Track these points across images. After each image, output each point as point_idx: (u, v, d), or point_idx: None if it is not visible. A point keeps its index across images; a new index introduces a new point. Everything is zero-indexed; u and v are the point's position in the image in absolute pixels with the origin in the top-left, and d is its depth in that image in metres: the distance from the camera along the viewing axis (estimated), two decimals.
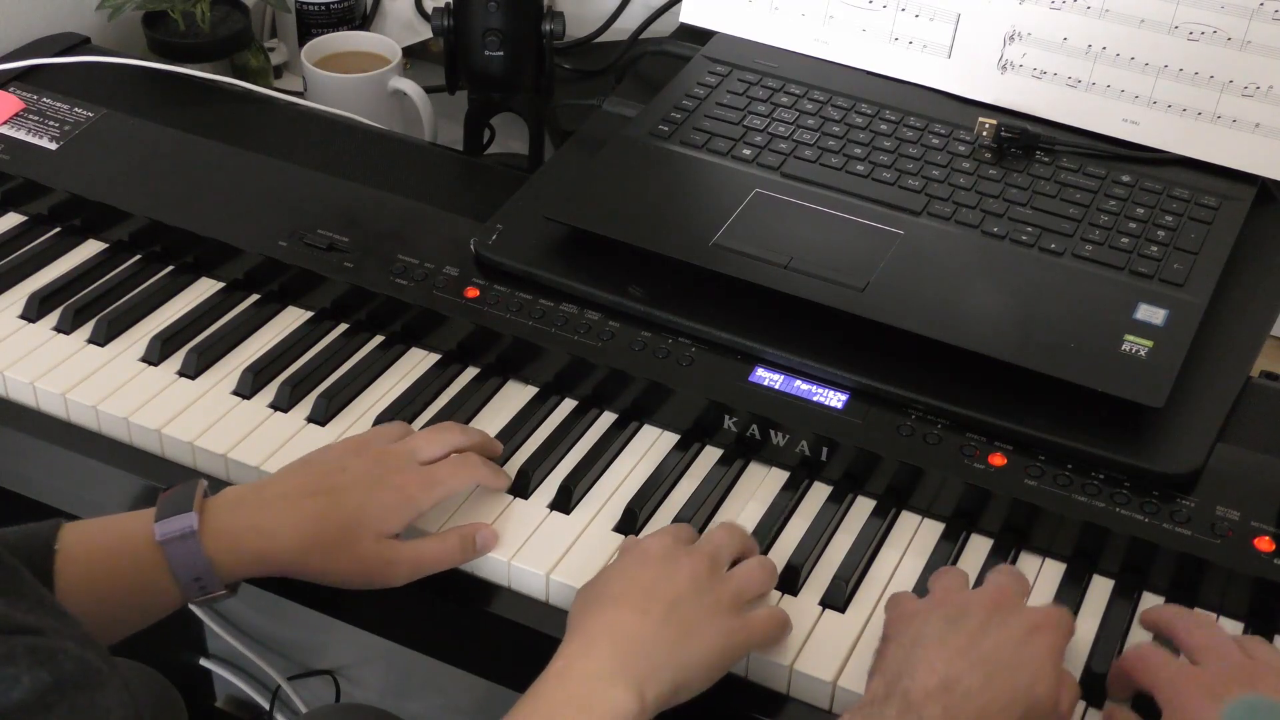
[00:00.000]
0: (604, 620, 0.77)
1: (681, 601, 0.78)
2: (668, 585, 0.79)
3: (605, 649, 0.76)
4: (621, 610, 0.78)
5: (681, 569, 0.80)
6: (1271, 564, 0.85)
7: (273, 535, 0.83)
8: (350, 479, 0.85)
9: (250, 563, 0.84)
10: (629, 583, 0.80)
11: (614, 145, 1.13)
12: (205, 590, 0.83)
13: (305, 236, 1.08)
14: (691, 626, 0.78)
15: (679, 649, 0.77)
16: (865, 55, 1.20)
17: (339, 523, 0.84)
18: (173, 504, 0.83)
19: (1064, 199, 1.07)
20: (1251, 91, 1.08)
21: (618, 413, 0.99)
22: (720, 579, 0.81)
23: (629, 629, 0.77)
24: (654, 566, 0.80)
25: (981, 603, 0.78)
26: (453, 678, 1.50)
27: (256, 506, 0.85)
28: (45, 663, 0.60)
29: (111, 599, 0.83)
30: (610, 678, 0.74)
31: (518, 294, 1.02)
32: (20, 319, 1.06)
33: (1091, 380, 0.91)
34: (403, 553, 0.85)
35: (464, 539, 0.87)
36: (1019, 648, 0.75)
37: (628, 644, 0.76)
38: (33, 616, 0.63)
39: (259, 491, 0.86)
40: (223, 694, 1.72)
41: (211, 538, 0.82)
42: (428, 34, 1.45)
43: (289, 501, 0.84)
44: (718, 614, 0.79)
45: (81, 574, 0.82)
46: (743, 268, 1.00)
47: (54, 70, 1.27)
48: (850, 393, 0.95)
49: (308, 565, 0.84)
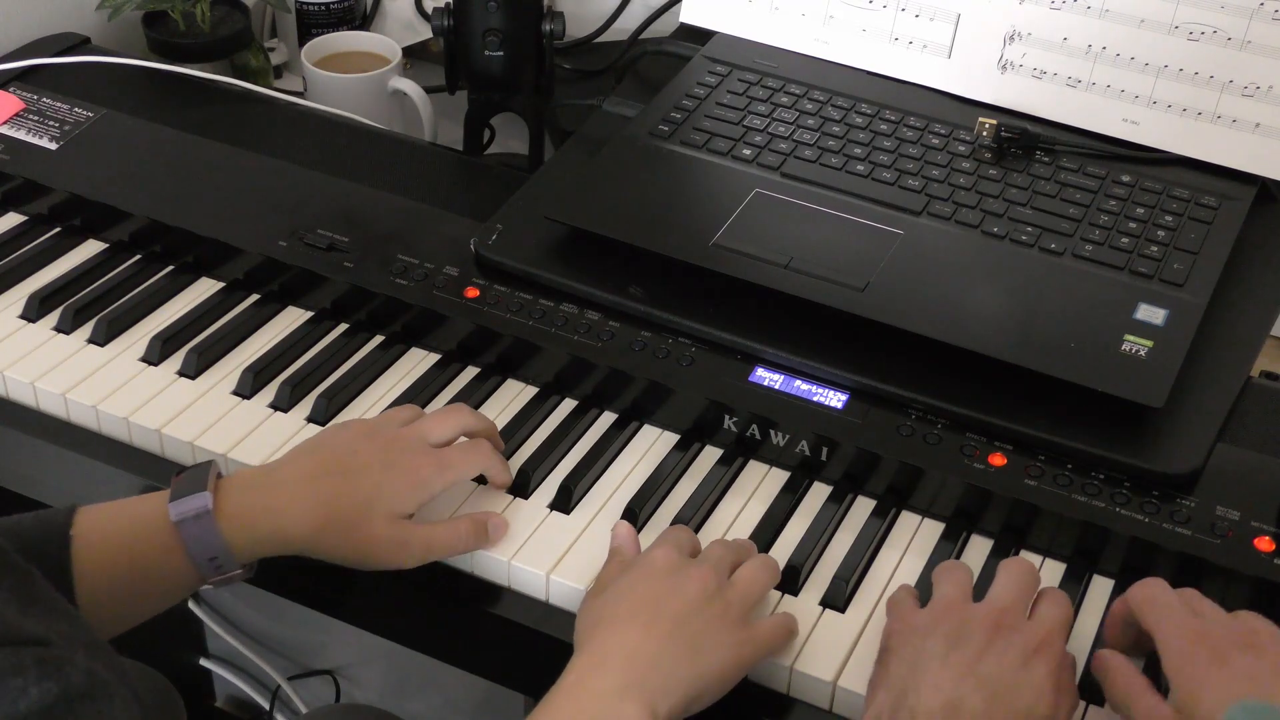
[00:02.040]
0: (614, 637, 0.77)
1: (691, 615, 0.78)
2: (677, 599, 0.79)
3: (616, 666, 0.76)
4: (631, 626, 0.78)
5: (689, 582, 0.80)
6: (1271, 564, 0.85)
7: (286, 515, 0.84)
8: (363, 461, 0.86)
9: (264, 542, 0.84)
10: (637, 598, 0.80)
11: (614, 145, 1.13)
12: (221, 570, 0.84)
13: (305, 236, 1.08)
14: (701, 639, 0.78)
15: (690, 663, 0.77)
16: (865, 55, 1.20)
17: (352, 503, 0.84)
18: (187, 484, 0.84)
19: (1064, 199, 1.07)
20: (1251, 91, 1.08)
21: (618, 413, 0.99)
22: (726, 588, 0.81)
23: (639, 645, 0.77)
24: (661, 580, 0.80)
25: (983, 623, 0.77)
26: (453, 678, 1.50)
27: (270, 488, 0.85)
28: (53, 674, 0.60)
29: (128, 581, 0.83)
30: (622, 694, 0.74)
31: (518, 294, 1.02)
32: (20, 319, 1.06)
33: (1092, 380, 0.91)
34: (415, 534, 0.85)
35: (476, 524, 0.88)
36: (1020, 670, 0.75)
37: (639, 660, 0.76)
38: (43, 625, 0.63)
39: (272, 473, 0.86)
40: (223, 694, 1.72)
41: (226, 518, 0.83)
42: (428, 34, 1.45)
43: (302, 483, 0.85)
44: (727, 625, 0.79)
45: (98, 558, 0.82)
46: (743, 268, 1.00)
47: (54, 70, 1.27)
48: (850, 393, 0.95)
49: (320, 545, 0.85)
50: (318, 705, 1.56)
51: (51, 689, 0.60)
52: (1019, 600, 0.80)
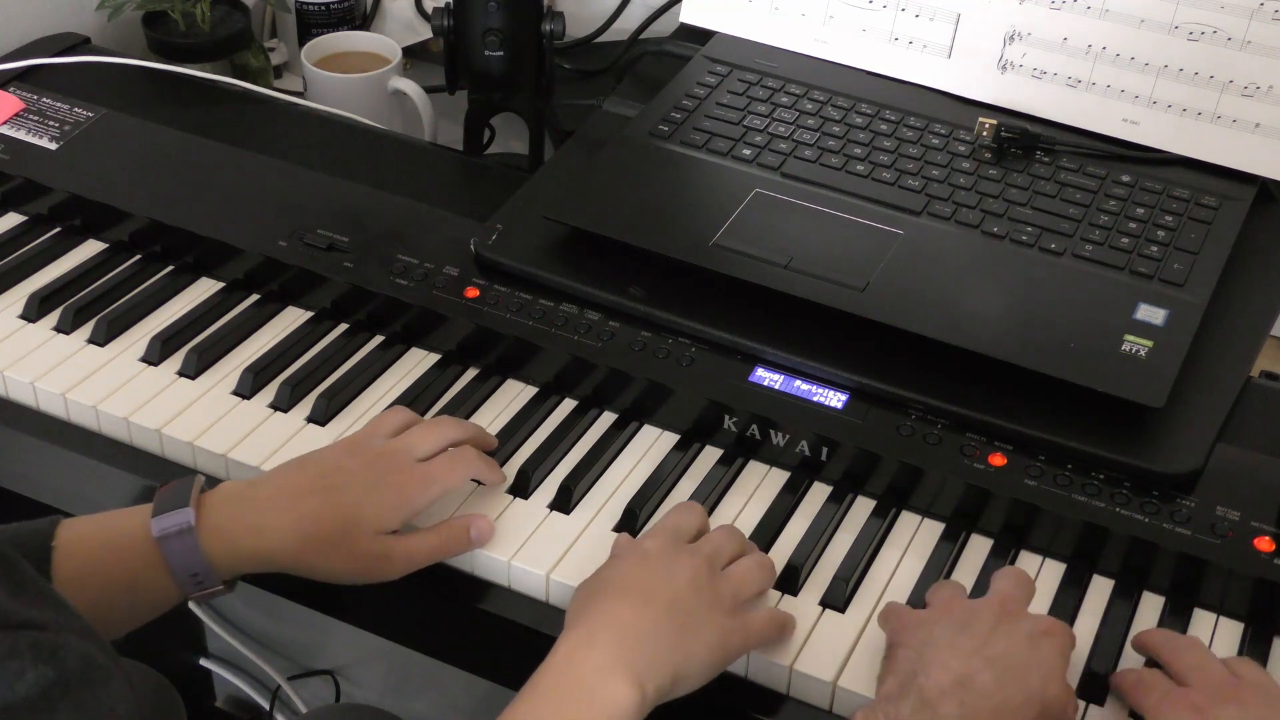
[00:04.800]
0: (606, 613, 0.78)
1: (681, 598, 0.79)
2: (667, 582, 0.80)
3: (607, 640, 0.76)
4: (623, 603, 0.78)
5: (681, 567, 0.81)
6: (1271, 564, 0.85)
7: (270, 533, 0.84)
8: (347, 478, 0.86)
9: (247, 559, 0.84)
10: (630, 578, 0.80)
11: (614, 145, 1.13)
12: (203, 586, 0.83)
13: (305, 236, 1.08)
14: (690, 622, 0.78)
15: (679, 643, 0.77)
16: (865, 55, 1.20)
17: (336, 521, 0.84)
18: (169, 500, 0.83)
19: (1064, 199, 1.07)
20: (1251, 91, 1.08)
21: (618, 413, 0.99)
22: (718, 578, 0.82)
23: (630, 622, 0.77)
24: (654, 564, 0.81)
25: (989, 608, 0.79)
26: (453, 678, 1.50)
27: (253, 504, 0.85)
28: (49, 658, 0.60)
29: (109, 595, 0.83)
30: (611, 668, 0.75)
31: (518, 294, 1.02)
32: (20, 319, 1.06)
33: (1092, 380, 0.91)
34: (396, 547, 0.85)
35: (457, 529, 0.88)
36: (1029, 651, 0.76)
37: (629, 636, 0.76)
38: (36, 610, 0.63)
39: (255, 489, 0.86)
40: (223, 694, 1.72)
41: (208, 534, 0.82)
42: (428, 34, 1.45)
43: (287, 500, 0.85)
44: (716, 612, 0.80)
45: (79, 570, 0.82)
46: (743, 268, 1.00)
47: (54, 70, 1.27)
48: (850, 393, 0.95)
49: (304, 562, 0.84)
50: (318, 705, 1.56)
51: (47, 673, 0.60)
52: (1021, 594, 0.81)
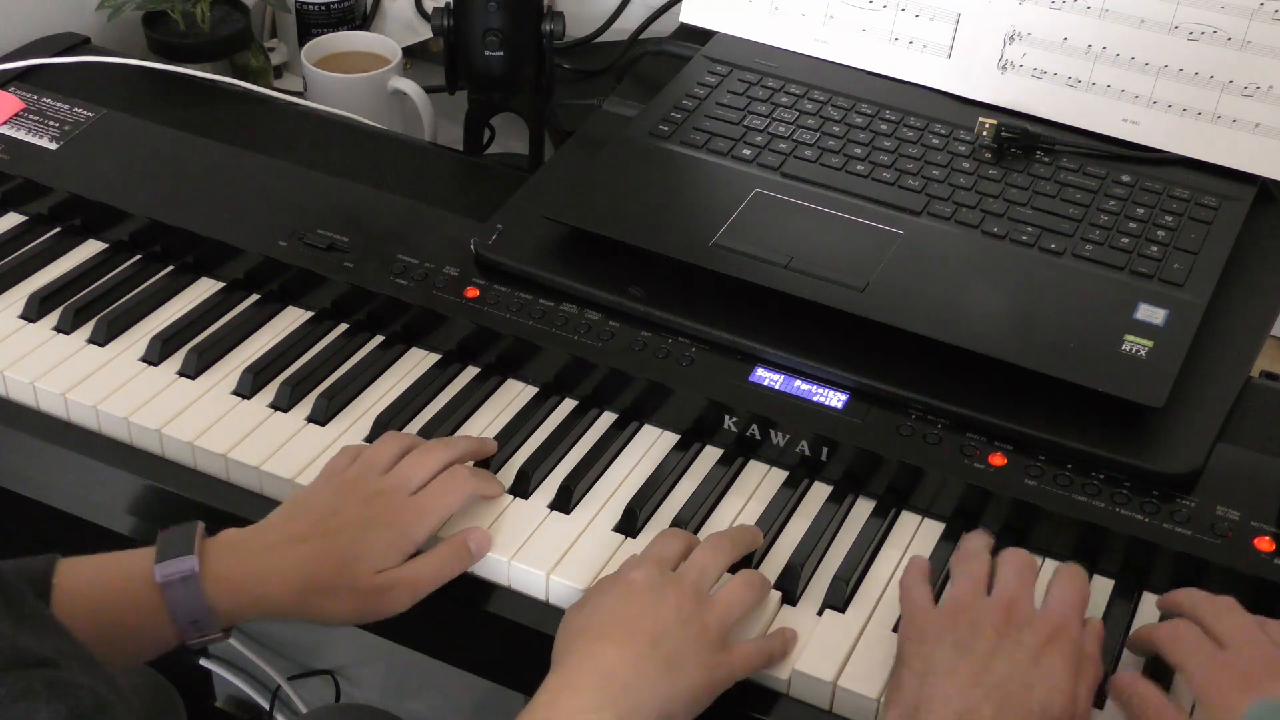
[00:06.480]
0: (589, 655, 0.77)
1: (666, 636, 0.78)
2: (652, 620, 0.79)
3: (589, 684, 0.76)
4: (606, 646, 0.78)
5: (666, 602, 0.80)
6: (1271, 564, 0.85)
7: (270, 582, 0.83)
8: (343, 521, 0.85)
9: (248, 607, 0.84)
10: (614, 617, 0.80)
11: (614, 145, 1.13)
12: (202, 633, 0.83)
13: (305, 236, 1.08)
14: (676, 661, 0.78)
15: (663, 684, 0.77)
16: (865, 55, 1.20)
17: (335, 564, 0.84)
18: (172, 546, 0.83)
19: (1064, 199, 1.07)
20: (1251, 91, 1.08)
21: (618, 413, 0.99)
22: (704, 609, 0.81)
23: (613, 664, 0.77)
24: (639, 600, 0.80)
25: (992, 621, 0.78)
26: (453, 678, 1.50)
27: (253, 553, 0.85)
28: (63, 697, 0.61)
29: (106, 637, 0.82)
30: (595, 712, 0.74)
31: (518, 294, 1.02)
32: (20, 319, 1.06)
33: (1092, 380, 0.91)
34: (399, 578, 0.84)
35: (456, 547, 0.87)
36: (1031, 669, 0.76)
37: (612, 679, 0.76)
38: (46, 647, 0.63)
39: (256, 537, 0.86)
40: (223, 694, 1.72)
41: (211, 582, 0.82)
42: (428, 34, 1.45)
43: (285, 547, 0.84)
44: (702, 647, 0.79)
45: (78, 611, 0.81)
46: (743, 268, 1.00)
47: (54, 70, 1.27)
48: (850, 393, 0.95)
49: (306, 608, 0.84)
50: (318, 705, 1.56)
51: (60, 710, 0.60)
52: (1025, 590, 0.81)
